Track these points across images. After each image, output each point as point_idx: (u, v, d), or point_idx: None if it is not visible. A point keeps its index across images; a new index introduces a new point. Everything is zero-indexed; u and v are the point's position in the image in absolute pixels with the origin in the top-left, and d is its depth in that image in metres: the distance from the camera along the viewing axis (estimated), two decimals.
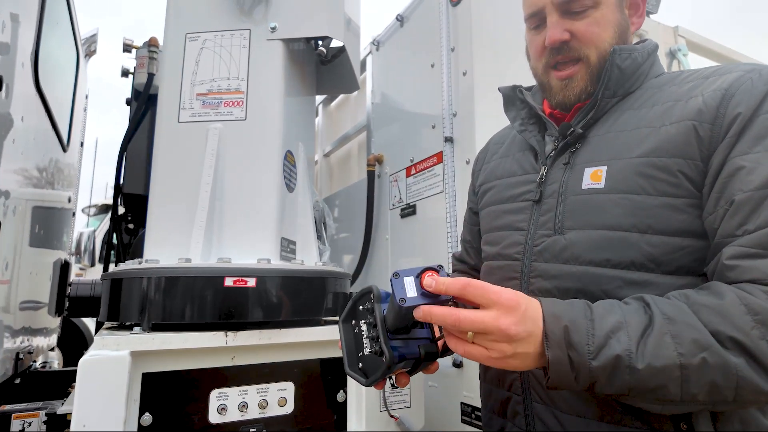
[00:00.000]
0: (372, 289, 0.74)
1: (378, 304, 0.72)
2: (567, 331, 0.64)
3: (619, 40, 0.89)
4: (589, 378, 0.64)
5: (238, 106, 1.40)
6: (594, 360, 0.63)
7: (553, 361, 0.64)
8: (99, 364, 1.02)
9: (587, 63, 0.88)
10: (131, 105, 2.21)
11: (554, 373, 0.65)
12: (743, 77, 0.75)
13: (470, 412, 1.56)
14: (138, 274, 1.20)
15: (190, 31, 1.47)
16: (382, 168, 2.28)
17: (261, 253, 1.31)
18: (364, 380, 0.74)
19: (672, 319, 0.64)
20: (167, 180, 1.40)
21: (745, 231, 0.67)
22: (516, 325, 0.63)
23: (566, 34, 0.87)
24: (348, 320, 0.80)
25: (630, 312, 0.66)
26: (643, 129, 0.80)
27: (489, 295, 0.64)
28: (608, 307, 0.67)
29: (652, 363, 0.61)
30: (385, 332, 0.70)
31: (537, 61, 0.95)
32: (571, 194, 0.85)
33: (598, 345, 0.63)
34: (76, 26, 2.70)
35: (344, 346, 0.79)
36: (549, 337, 0.64)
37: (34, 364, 2.82)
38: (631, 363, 0.62)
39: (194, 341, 1.15)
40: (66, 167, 2.79)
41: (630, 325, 0.64)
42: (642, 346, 0.62)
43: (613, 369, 0.62)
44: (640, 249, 0.76)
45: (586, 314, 0.66)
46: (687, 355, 0.61)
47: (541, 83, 0.97)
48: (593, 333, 0.64)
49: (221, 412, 1.17)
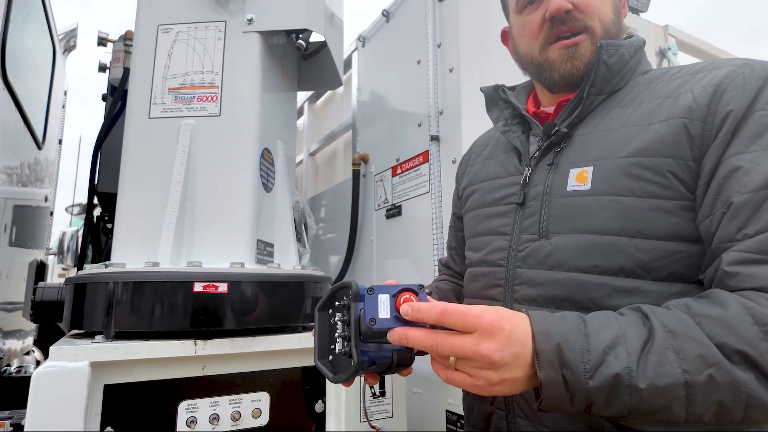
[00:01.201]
0: (351, 285, 0.68)
1: (355, 304, 0.66)
2: (560, 349, 0.58)
3: (616, 19, 0.86)
4: (585, 399, 0.58)
5: (212, 101, 1.34)
6: (591, 380, 0.57)
7: (546, 382, 0.58)
8: (54, 376, 0.96)
9: (593, 34, 0.84)
10: (106, 101, 2.13)
11: (547, 396, 0.58)
12: (735, 72, 0.70)
13: (455, 420, 1.51)
14: (102, 278, 1.13)
15: (163, 22, 1.40)
16: (368, 167, 2.22)
17: (235, 257, 1.25)
18: (332, 376, 0.69)
19: (674, 332, 0.58)
20: (136, 179, 1.33)
21: (746, 235, 0.62)
22: (500, 351, 0.57)
23: (569, 4, 0.82)
24: (325, 308, 0.75)
25: (627, 325, 0.61)
26: (631, 128, 0.76)
27: (469, 321, 0.58)
28: (603, 320, 0.62)
29: (654, 382, 0.56)
30: (358, 335, 0.65)
31: (533, 40, 0.88)
32: (556, 196, 0.80)
33: (594, 363, 0.57)
34: (51, 21, 2.61)
35: (317, 335, 0.74)
36: (540, 356, 0.58)
37: (8, 369, 2.73)
38: (632, 382, 0.56)
39: (161, 350, 1.08)
40: (42, 165, 2.70)
41: (628, 339, 0.59)
42: (643, 363, 0.57)
43: (611, 389, 0.57)
44: (629, 254, 0.71)
45: (579, 329, 0.60)
46: (692, 372, 0.56)
47: (539, 64, 0.89)
48: (588, 350, 0.58)
49: (190, 425, 1.10)
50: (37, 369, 0.95)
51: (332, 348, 0.71)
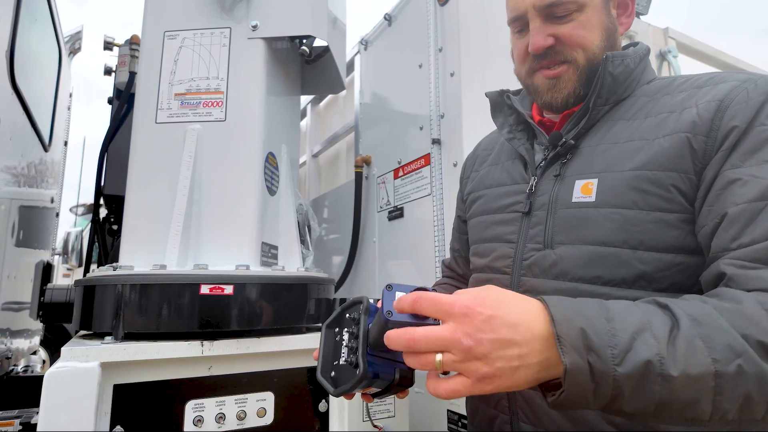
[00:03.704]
0: (363, 300, 0.71)
1: (365, 316, 0.69)
2: (584, 333, 0.53)
3: (607, 42, 0.85)
4: (611, 390, 0.53)
5: (218, 107, 1.36)
6: (620, 366, 0.52)
7: (572, 368, 0.52)
8: (66, 376, 0.98)
9: (575, 65, 0.85)
10: (113, 104, 2.16)
11: (572, 385, 0.53)
12: (738, 87, 0.71)
13: (456, 420, 1.53)
14: (110, 281, 1.16)
15: (169, 29, 1.42)
16: (370, 169, 2.25)
17: (240, 259, 1.27)
18: (333, 389, 0.70)
19: (699, 321, 0.55)
20: (143, 183, 1.35)
21: (740, 245, 0.63)
22: (474, 335, 0.52)
23: (550, 40, 0.83)
24: (332, 326, 0.77)
25: (650, 312, 0.57)
26: (636, 141, 0.77)
27: (442, 307, 0.55)
28: (625, 306, 0.58)
29: (686, 371, 0.52)
30: (366, 345, 0.67)
31: (521, 65, 0.91)
32: (561, 207, 0.81)
33: (623, 348, 0.52)
34: (57, 23, 2.64)
35: (322, 350, 0.76)
36: (563, 341, 0.53)
37: (15, 368, 2.76)
38: (664, 370, 0.52)
39: (169, 351, 1.11)
40: (48, 166, 2.74)
41: (654, 326, 0.55)
42: (672, 351, 0.53)
43: (641, 378, 0.52)
44: (631, 266, 0.72)
45: (602, 313, 0.56)
46: (722, 362, 0.52)
47: (526, 86, 0.94)
48: (615, 334, 0.53)
49: (197, 424, 1.13)
50: (49, 369, 0.98)
51: (335, 363, 0.73)
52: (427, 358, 0.55)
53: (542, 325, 0.55)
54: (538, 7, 0.83)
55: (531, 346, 0.54)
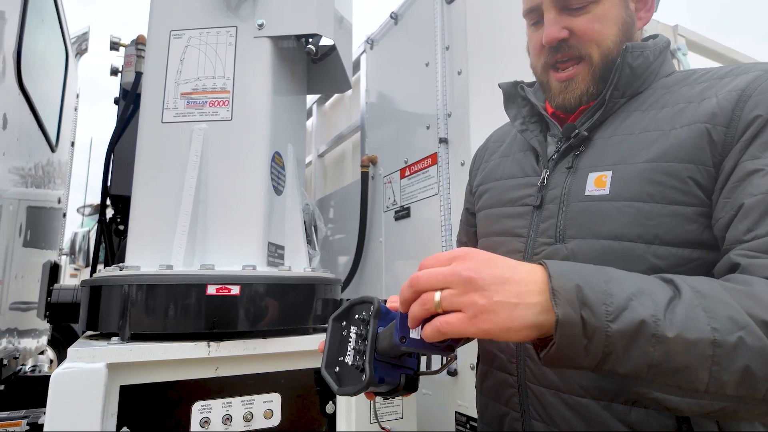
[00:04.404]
0: (374, 301, 0.68)
1: (375, 320, 0.67)
2: (580, 289, 0.53)
3: (624, 37, 0.83)
4: (603, 347, 0.52)
5: (224, 106, 1.35)
6: (613, 323, 0.52)
7: (563, 320, 0.52)
8: (73, 377, 0.98)
9: (589, 62, 0.83)
10: (119, 104, 2.16)
11: (563, 337, 0.53)
12: (761, 77, 0.69)
13: (465, 422, 1.52)
14: (117, 281, 1.15)
15: (175, 28, 1.42)
16: (376, 169, 2.23)
17: (247, 259, 1.26)
18: (336, 387, 0.69)
19: (703, 293, 0.54)
20: (150, 182, 1.35)
21: (755, 236, 0.61)
22: (477, 269, 0.54)
23: (564, 32, 0.82)
24: (339, 320, 0.75)
25: (651, 281, 0.57)
26: (652, 132, 0.75)
27: (442, 256, 0.58)
28: (625, 274, 0.58)
29: (683, 334, 0.51)
30: (373, 351, 0.65)
31: (536, 59, 0.90)
32: (574, 200, 0.80)
33: (618, 306, 0.53)
34: (64, 24, 2.65)
35: (327, 343, 0.74)
36: (557, 294, 0.53)
37: (23, 368, 2.77)
38: (658, 331, 0.51)
39: (175, 352, 1.10)
40: (55, 167, 2.75)
41: (654, 292, 0.55)
42: (670, 314, 0.52)
43: (634, 336, 0.52)
44: (645, 261, 0.70)
45: (600, 275, 0.56)
46: (722, 332, 0.51)
47: (541, 83, 0.92)
48: (611, 293, 0.54)
49: (204, 425, 1.12)
50: (56, 370, 0.97)
51: (341, 359, 0.71)
52: (427, 296, 0.56)
53: (540, 275, 0.56)
54: None
55: (530, 287, 0.55)
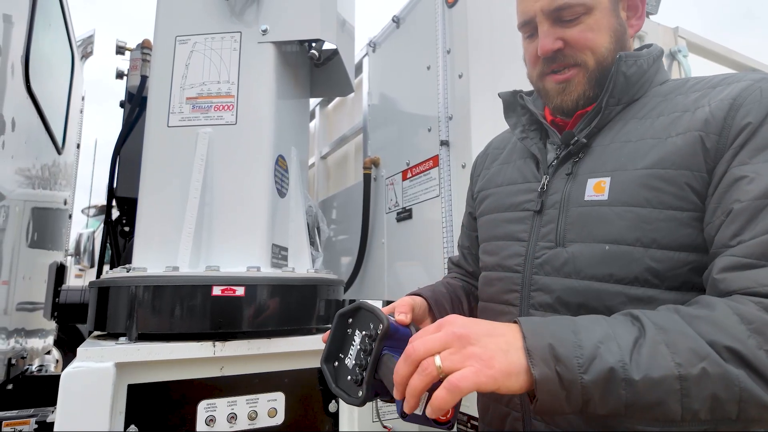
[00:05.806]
0: (383, 321, 0.67)
1: (381, 343, 0.66)
2: (552, 346, 0.58)
3: (616, 44, 0.85)
4: (581, 396, 0.57)
5: (228, 110, 1.38)
6: (586, 374, 0.56)
7: (541, 379, 0.57)
8: (82, 376, 1.00)
9: (585, 67, 0.85)
10: (124, 107, 2.19)
11: (543, 393, 0.57)
12: (752, 86, 0.71)
13: (465, 421, 1.54)
14: (124, 282, 1.18)
15: (180, 33, 1.44)
16: (379, 171, 2.25)
17: (251, 261, 1.29)
18: (333, 384, 0.71)
19: (664, 328, 0.59)
20: (156, 185, 1.38)
21: (740, 241, 0.64)
22: (465, 326, 0.60)
23: (558, 43, 0.84)
24: (346, 317, 0.75)
25: (616, 323, 0.62)
26: (649, 140, 0.77)
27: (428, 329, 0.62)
28: (593, 319, 0.63)
29: (648, 374, 0.55)
30: (373, 373, 0.66)
31: (532, 69, 0.92)
32: (574, 205, 0.82)
33: (588, 357, 0.57)
34: (70, 27, 2.68)
35: (331, 337, 0.75)
36: (532, 354, 0.57)
37: (30, 368, 2.80)
38: (627, 375, 0.56)
39: (181, 352, 1.13)
40: (61, 169, 2.78)
41: (619, 335, 0.59)
42: (636, 356, 0.57)
43: (606, 383, 0.56)
44: (643, 264, 0.73)
45: (569, 327, 0.61)
46: (685, 365, 0.56)
47: (538, 90, 0.94)
48: (581, 345, 0.58)
49: (209, 424, 1.15)
50: (66, 369, 1.00)
51: (341, 356, 0.73)
52: (426, 362, 0.58)
53: (516, 333, 0.61)
54: (546, 11, 0.84)
55: (513, 335, 0.60)
